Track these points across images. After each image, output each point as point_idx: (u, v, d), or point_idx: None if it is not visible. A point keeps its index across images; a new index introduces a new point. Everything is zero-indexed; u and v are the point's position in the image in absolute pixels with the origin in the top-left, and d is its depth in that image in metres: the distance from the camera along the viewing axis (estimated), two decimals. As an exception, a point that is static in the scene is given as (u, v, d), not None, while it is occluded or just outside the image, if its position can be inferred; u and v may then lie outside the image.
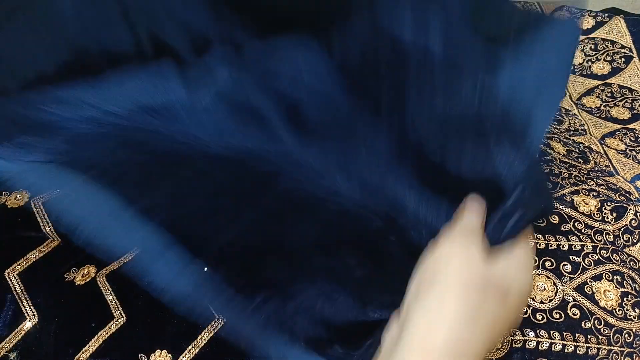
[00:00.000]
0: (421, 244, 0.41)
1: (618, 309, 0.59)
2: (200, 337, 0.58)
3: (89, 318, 0.60)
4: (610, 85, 1.01)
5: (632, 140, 0.89)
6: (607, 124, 0.94)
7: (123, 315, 0.61)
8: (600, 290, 0.60)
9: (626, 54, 1.03)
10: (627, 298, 0.60)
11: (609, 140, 0.89)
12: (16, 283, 0.61)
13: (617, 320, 0.58)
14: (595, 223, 0.66)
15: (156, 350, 0.57)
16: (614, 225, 0.66)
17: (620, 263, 0.63)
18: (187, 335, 0.59)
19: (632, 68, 1.01)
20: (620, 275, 0.61)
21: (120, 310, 0.61)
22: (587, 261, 0.62)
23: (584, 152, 0.80)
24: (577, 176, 0.72)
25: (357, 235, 0.48)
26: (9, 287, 0.61)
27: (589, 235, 0.64)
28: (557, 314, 0.58)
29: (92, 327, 0.59)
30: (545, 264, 0.61)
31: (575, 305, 0.58)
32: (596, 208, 0.67)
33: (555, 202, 0.67)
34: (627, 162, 0.83)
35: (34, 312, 0.61)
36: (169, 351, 0.57)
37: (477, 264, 0.35)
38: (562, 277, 0.60)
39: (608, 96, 0.99)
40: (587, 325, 0.57)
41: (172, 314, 0.61)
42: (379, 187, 0.46)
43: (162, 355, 0.57)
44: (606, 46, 1.05)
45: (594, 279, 0.60)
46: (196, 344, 0.58)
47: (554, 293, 0.59)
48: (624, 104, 0.97)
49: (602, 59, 1.04)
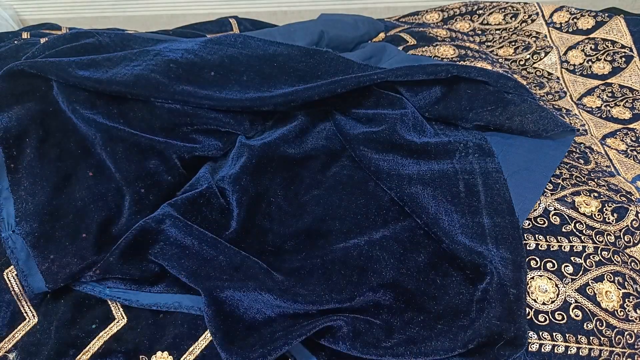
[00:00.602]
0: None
1: (620, 310, 0.59)
2: (203, 338, 0.58)
3: (90, 319, 0.60)
4: (611, 85, 1.01)
5: (633, 140, 0.89)
6: (607, 124, 0.94)
7: (124, 316, 0.61)
8: (601, 292, 0.60)
9: (626, 54, 1.03)
10: (628, 299, 0.60)
11: (609, 141, 0.89)
12: (15, 283, 0.61)
13: (619, 321, 0.58)
14: (597, 224, 0.66)
15: (157, 352, 0.57)
16: (615, 226, 0.66)
17: (622, 264, 0.63)
18: (188, 337, 0.59)
19: (632, 68, 1.01)
20: (622, 276, 0.61)
21: (121, 312, 0.61)
22: (588, 262, 0.62)
23: (584, 152, 0.80)
24: (578, 177, 0.72)
25: None
26: (8, 288, 0.61)
27: (590, 236, 0.64)
28: (559, 315, 0.58)
29: (92, 328, 0.59)
30: (547, 266, 0.61)
31: (577, 306, 0.58)
32: (597, 209, 0.67)
33: (557, 203, 0.67)
34: (628, 162, 0.83)
35: (33, 313, 0.60)
36: (170, 352, 0.57)
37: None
38: (564, 279, 0.60)
39: (609, 96, 0.99)
40: (589, 327, 0.57)
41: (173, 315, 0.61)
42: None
43: (163, 356, 0.57)
44: (606, 46, 1.05)
45: (596, 280, 0.60)
46: (197, 345, 0.58)
47: (556, 295, 0.59)
48: (625, 104, 0.97)
49: (602, 59, 1.04)
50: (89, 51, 0.75)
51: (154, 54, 0.74)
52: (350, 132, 0.75)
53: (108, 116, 0.70)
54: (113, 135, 0.68)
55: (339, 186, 0.71)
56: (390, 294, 0.59)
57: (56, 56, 0.72)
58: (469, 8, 1.17)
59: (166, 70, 0.72)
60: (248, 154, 0.71)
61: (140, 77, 0.70)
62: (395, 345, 0.53)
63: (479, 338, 0.53)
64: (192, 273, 0.59)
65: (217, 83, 0.74)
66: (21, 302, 0.61)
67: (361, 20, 1.08)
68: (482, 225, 0.63)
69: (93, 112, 0.70)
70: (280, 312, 0.56)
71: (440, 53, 0.95)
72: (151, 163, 0.69)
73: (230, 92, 0.74)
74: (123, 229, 0.63)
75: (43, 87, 0.70)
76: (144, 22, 1.58)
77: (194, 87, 0.72)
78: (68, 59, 0.70)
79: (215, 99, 0.73)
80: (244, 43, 0.79)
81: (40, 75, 0.69)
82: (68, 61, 0.69)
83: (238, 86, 0.75)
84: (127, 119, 0.71)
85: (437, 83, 0.78)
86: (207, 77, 0.74)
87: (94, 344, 0.58)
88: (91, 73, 0.69)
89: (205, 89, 0.73)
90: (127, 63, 0.73)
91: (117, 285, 0.61)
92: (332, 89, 0.73)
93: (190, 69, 0.73)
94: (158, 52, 0.75)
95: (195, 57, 0.74)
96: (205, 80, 0.74)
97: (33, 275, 0.60)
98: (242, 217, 0.66)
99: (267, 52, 0.78)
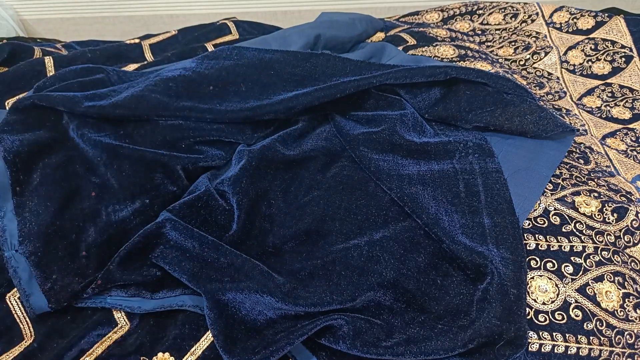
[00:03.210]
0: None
1: (619, 310, 0.59)
2: (204, 338, 0.58)
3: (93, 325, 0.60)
4: (611, 85, 1.01)
5: (633, 140, 0.89)
6: (607, 123, 0.94)
7: (127, 322, 0.61)
8: (601, 292, 0.60)
9: (626, 54, 1.03)
10: (628, 299, 0.60)
11: (609, 140, 0.89)
12: (17, 307, 0.61)
13: (619, 321, 0.59)
14: (597, 224, 0.66)
15: (158, 353, 0.57)
16: (615, 226, 0.66)
17: (622, 264, 0.63)
18: (189, 337, 0.59)
19: (632, 68, 1.01)
20: (622, 276, 0.62)
21: (123, 317, 0.61)
22: (588, 262, 0.62)
23: (584, 152, 0.80)
24: (578, 177, 0.72)
25: None
26: (10, 311, 0.61)
27: (590, 236, 0.64)
28: (559, 315, 0.58)
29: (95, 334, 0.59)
30: (547, 265, 0.61)
31: (577, 306, 0.58)
32: (597, 209, 0.67)
33: (557, 203, 0.67)
34: (628, 162, 0.83)
35: (32, 333, 0.60)
36: (171, 353, 0.57)
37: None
38: (564, 279, 0.60)
39: (609, 96, 0.99)
40: (589, 327, 0.57)
41: (174, 316, 0.61)
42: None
43: (164, 357, 0.57)
44: (606, 46, 1.05)
45: (596, 280, 0.60)
46: (199, 345, 0.58)
47: (556, 295, 0.59)
48: (625, 104, 0.97)
49: (602, 59, 1.04)
50: (97, 86, 0.77)
51: (153, 77, 0.76)
52: (350, 132, 0.75)
53: (115, 137, 0.72)
54: (118, 153, 0.70)
55: (339, 187, 0.71)
56: (391, 294, 0.59)
57: (66, 89, 0.74)
58: (469, 8, 1.17)
59: (166, 89, 0.73)
60: (248, 157, 0.72)
61: (141, 98, 0.71)
62: (395, 345, 0.53)
63: (479, 338, 0.53)
64: (194, 275, 0.59)
65: (216, 96, 0.75)
66: (22, 324, 0.60)
67: (359, 19, 1.08)
68: (482, 225, 0.63)
69: (100, 134, 0.72)
70: (282, 314, 0.56)
71: (440, 53, 0.95)
72: (156, 176, 0.71)
73: (230, 103, 0.75)
74: (124, 242, 0.63)
75: (53, 117, 0.72)
76: (144, 22, 1.58)
77: (195, 102, 0.73)
78: (74, 94, 0.72)
79: (216, 111, 0.74)
80: (239, 54, 0.80)
81: (50, 107, 0.71)
82: (74, 95, 0.71)
83: (237, 97, 0.76)
84: (132, 137, 0.72)
85: (436, 85, 0.78)
86: (206, 91, 0.75)
87: (96, 349, 0.58)
88: (96, 102, 0.71)
89: (205, 103, 0.74)
90: (128, 88, 0.75)
91: (119, 293, 0.61)
92: (331, 93, 0.74)
93: (189, 85, 0.75)
94: (157, 74, 0.76)
95: (193, 73, 0.76)
96: (205, 94, 0.75)
97: (35, 294, 0.60)
98: (242, 219, 0.66)
99: (263, 60, 0.79)
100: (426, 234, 0.64)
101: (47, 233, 0.62)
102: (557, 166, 0.71)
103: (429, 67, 0.77)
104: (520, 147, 0.73)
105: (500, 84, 0.76)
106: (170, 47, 1.05)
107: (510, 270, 0.59)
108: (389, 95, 0.80)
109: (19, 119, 0.70)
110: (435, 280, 0.61)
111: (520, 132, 0.74)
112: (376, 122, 0.77)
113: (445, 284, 0.60)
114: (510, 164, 0.71)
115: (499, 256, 0.60)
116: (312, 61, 0.80)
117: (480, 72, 0.77)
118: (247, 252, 0.62)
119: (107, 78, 0.79)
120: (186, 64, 0.78)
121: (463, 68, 0.78)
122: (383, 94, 0.80)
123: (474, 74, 0.76)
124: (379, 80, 0.75)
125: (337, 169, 0.73)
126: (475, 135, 0.75)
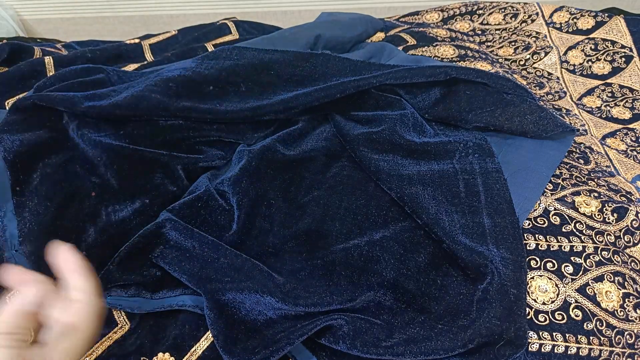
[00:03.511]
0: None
1: (620, 310, 0.59)
2: (204, 338, 0.58)
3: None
4: (611, 85, 1.01)
5: (633, 140, 0.89)
6: (607, 123, 0.94)
7: (127, 322, 0.61)
8: (601, 292, 0.60)
9: (626, 54, 1.03)
10: (628, 299, 0.60)
11: (609, 140, 0.90)
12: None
13: (619, 321, 0.59)
14: (597, 224, 0.66)
15: (158, 353, 0.57)
16: (615, 226, 0.66)
17: (622, 264, 0.63)
18: (189, 337, 0.59)
19: (632, 68, 1.01)
20: (622, 276, 0.62)
21: (123, 317, 0.61)
22: (588, 262, 0.62)
23: (584, 152, 0.80)
24: (578, 177, 0.72)
25: None
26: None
27: (590, 236, 0.64)
28: (559, 315, 0.58)
29: None
30: (547, 265, 0.61)
31: (577, 306, 0.58)
32: (597, 209, 0.67)
33: (557, 203, 0.67)
34: (628, 162, 0.83)
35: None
36: (171, 353, 0.57)
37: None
38: (564, 279, 0.60)
39: (608, 96, 0.99)
40: (589, 327, 0.57)
41: (174, 316, 0.61)
42: None
43: (164, 357, 0.57)
44: (606, 46, 1.05)
45: (596, 280, 0.60)
46: (199, 345, 0.58)
47: (556, 294, 0.59)
48: (625, 104, 0.97)
49: (602, 59, 1.04)
50: (97, 86, 0.77)
51: (153, 77, 0.76)
52: (350, 132, 0.75)
53: (115, 137, 0.71)
54: (119, 153, 0.70)
55: (339, 187, 0.71)
56: (391, 294, 0.60)
57: (66, 89, 0.74)
58: (469, 8, 1.17)
59: (166, 89, 0.73)
60: (247, 157, 0.72)
61: (141, 98, 0.71)
62: (395, 345, 0.53)
63: (479, 338, 0.53)
64: (193, 275, 0.59)
65: (216, 96, 0.75)
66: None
67: (359, 19, 1.08)
68: (482, 225, 0.63)
69: (100, 134, 0.71)
70: (282, 314, 0.57)
71: (440, 53, 0.95)
72: (156, 176, 0.71)
73: (230, 103, 0.75)
74: (124, 242, 0.63)
75: (53, 117, 0.72)
76: (144, 22, 1.58)
77: (194, 103, 0.73)
78: (74, 94, 0.71)
79: (216, 111, 0.74)
80: (239, 54, 0.80)
81: (50, 107, 0.71)
82: (75, 95, 0.71)
83: (237, 97, 0.76)
84: (132, 137, 0.72)
85: (436, 85, 0.78)
86: (206, 91, 0.75)
87: (96, 348, 0.58)
88: (96, 102, 0.71)
89: (205, 103, 0.74)
90: (128, 88, 0.75)
91: (119, 293, 0.61)
92: (331, 93, 0.74)
93: (189, 85, 0.75)
94: (157, 74, 0.76)
95: (193, 73, 0.76)
96: (205, 94, 0.75)
97: None
98: (242, 219, 0.66)
99: (262, 60, 0.79)
100: (426, 234, 0.64)
101: (47, 232, 0.62)
102: (557, 166, 0.71)
103: (429, 67, 0.77)
104: (521, 147, 0.73)
105: (500, 84, 0.76)
106: (170, 47, 1.05)
107: (510, 270, 0.59)
108: (389, 95, 0.80)
109: (19, 118, 0.70)
110: (435, 280, 0.61)
111: (520, 132, 0.74)
112: (376, 122, 0.77)
113: (445, 284, 0.60)
114: (510, 164, 0.71)
115: (499, 256, 0.60)
116: (312, 61, 0.80)
117: (480, 72, 0.77)
118: (247, 252, 0.62)
119: (107, 78, 0.79)
120: (186, 64, 0.78)
121: (463, 68, 0.78)
122: (383, 94, 0.80)
123: (474, 74, 0.76)
124: (379, 80, 0.75)
125: (337, 169, 0.74)
126: (475, 135, 0.75)
